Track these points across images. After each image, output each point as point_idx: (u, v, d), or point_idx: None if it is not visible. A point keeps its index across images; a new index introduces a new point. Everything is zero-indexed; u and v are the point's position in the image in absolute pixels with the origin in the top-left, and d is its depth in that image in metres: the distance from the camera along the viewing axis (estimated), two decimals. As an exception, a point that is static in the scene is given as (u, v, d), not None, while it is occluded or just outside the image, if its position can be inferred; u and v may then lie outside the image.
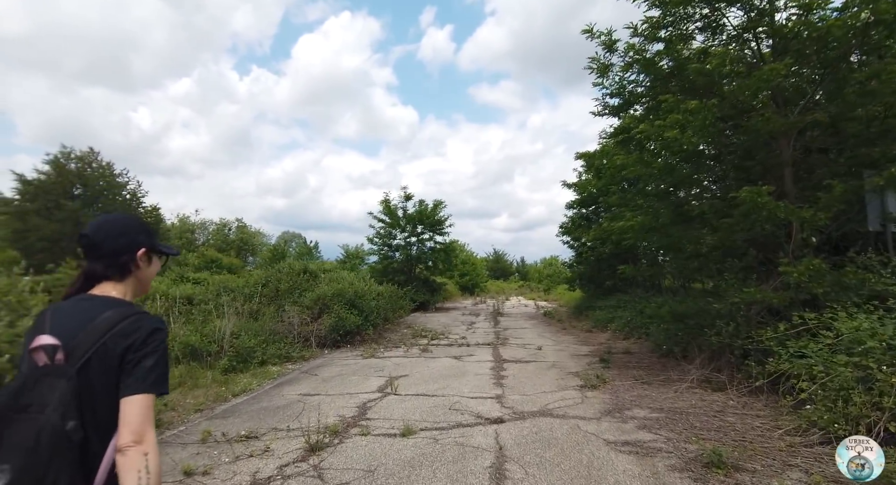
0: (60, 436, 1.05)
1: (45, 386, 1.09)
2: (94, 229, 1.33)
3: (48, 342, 1.13)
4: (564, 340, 10.94)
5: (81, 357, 1.14)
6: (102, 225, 1.35)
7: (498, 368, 7.60)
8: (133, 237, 1.36)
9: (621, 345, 9.83)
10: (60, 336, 1.16)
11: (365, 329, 10.28)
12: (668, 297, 11.25)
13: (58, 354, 1.13)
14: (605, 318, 12.67)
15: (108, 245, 1.32)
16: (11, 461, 1.00)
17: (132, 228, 1.39)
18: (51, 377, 1.10)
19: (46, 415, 1.05)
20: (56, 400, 1.07)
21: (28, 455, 1.01)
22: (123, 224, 1.39)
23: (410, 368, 7.66)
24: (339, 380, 6.85)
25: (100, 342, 1.16)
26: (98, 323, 1.19)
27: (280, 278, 11.61)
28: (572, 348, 9.70)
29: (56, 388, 1.08)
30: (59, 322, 1.20)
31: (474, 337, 11.48)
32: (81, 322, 1.19)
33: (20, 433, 1.03)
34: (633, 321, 10.92)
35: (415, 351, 9.36)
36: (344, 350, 9.57)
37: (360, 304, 10.58)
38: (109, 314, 1.21)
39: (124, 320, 1.21)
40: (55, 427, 1.04)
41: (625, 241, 7.16)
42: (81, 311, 1.23)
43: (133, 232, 1.38)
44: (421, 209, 20.64)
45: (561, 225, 16.49)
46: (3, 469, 0.99)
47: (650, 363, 7.75)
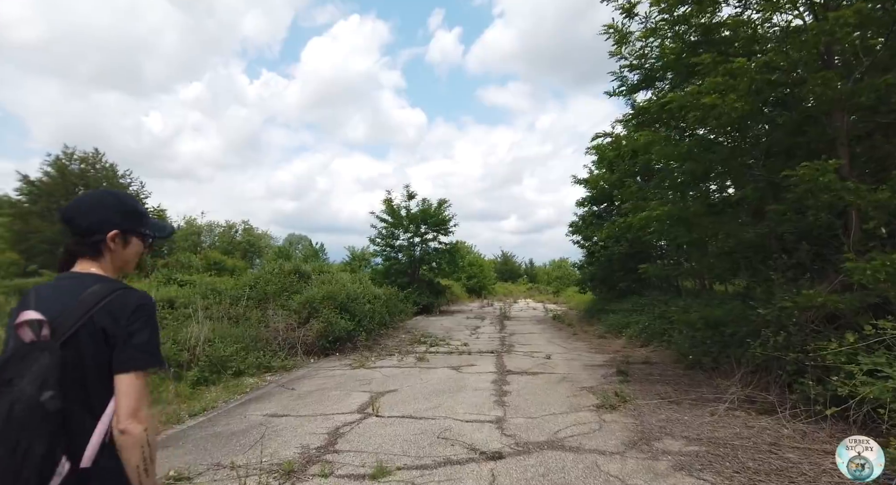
0: (34, 406, 1.04)
1: (30, 361, 1.07)
2: (71, 207, 1.31)
3: (33, 317, 1.12)
4: (576, 348, 9.91)
5: (66, 332, 1.14)
6: (79, 203, 1.32)
7: (501, 381, 6.60)
8: (105, 216, 1.31)
9: (639, 353, 8.78)
10: (45, 312, 1.15)
11: (357, 335, 9.33)
12: (690, 300, 10.17)
13: (43, 329, 1.12)
14: (620, 323, 11.60)
15: (77, 222, 1.29)
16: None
17: (106, 206, 1.33)
18: (35, 352, 1.09)
19: (20, 386, 1.04)
20: (33, 372, 1.06)
21: (3, 425, 1.00)
22: (97, 201, 1.34)
23: (402, 381, 6.70)
24: (317, 396, 5.90)
25: (86, 316, 1.16)
26: (84, 298, 1.18)
27: (269, 280, 10.72)
28: (585, 357, 8.67)
29: (36, 360, 1.07)
30: (44, 299, 1.19)
31: (477, 344, 10.48)
32: (67, 298, 1.19)
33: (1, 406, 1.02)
34: (650, 327, 9.86)
35: (410, 360, 8.39)
36: (332, 359, 8.64)
37: (353, 308, 9.65)
38: (95, 288, 1.21)
39: (110, 295, 1.20)
40: (29, 398, 1.03)
41: (646, 235, 6.15)
42: (65, 288, 1.23)
43: (105, 211, 1.32)
44: (424, 208, 19.71)
45: (571, 224, 15.47)
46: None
47: (675, 377, 6.71)
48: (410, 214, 19.67)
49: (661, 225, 5.61)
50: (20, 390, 1.04)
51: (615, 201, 14.15)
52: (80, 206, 1.32)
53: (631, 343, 10.07)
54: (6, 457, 1.00)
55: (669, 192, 5.75)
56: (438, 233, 20.09)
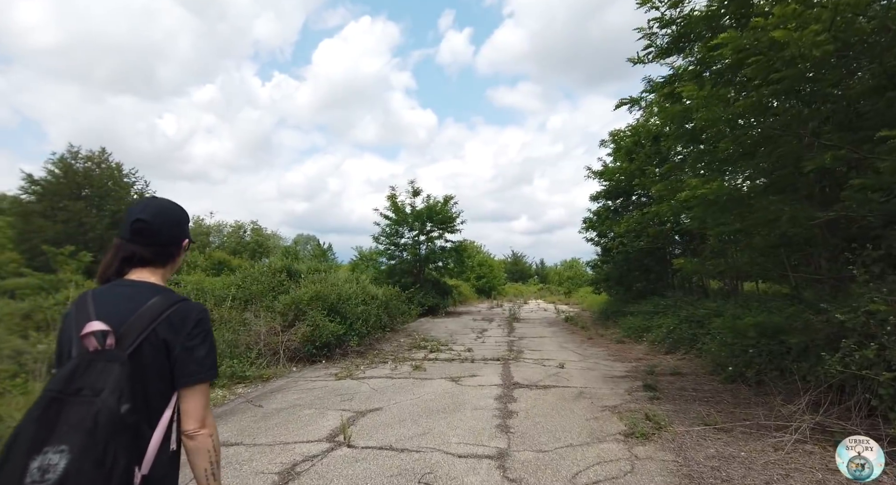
0: (116, 418, 1.04)
1: (97, 370, 1.08)
2: (153, 215, 1.30)
3: (99, 328, 1.12)
4: (592, 355, 8.79)
5: (132, 343, 1.15)
6: (160, 212, 1.32)
7: (506, 397, 5.53)
8: (183, 228, 1.37)
9: (666, 362, 7.64)
10: (108, 321, 1.14)
11: (348, 340, 8.32)
12: (721, 302, 9.00)
13: (108, 339, 1.13)
14: (640, 326, 10.45)
15: (165, 233, 1.31)
16: (70, 442, 0.98)
17: (184, 218, 1.39)
18: (102, 362, 1.09)
19: (102, 398, 1.04)
20: (111, 383, 1.06)
21: (87, 436, 0.99)
22: (179, 213, 1.37)
23: (390, 396, 5.67)
24: (285, 416, 4.89)
25: (149, 329, 1.17)
26: (146, 310, 1.19)
27: (256, 279, 9.76)
28: (603, 366, 7.56)
29: (110, 372, 1.08)
30: (104, 307, 1.19)
31: (483, 349, 9.41)
32: (128, 308, 1.19)
33: (76, 415, 1.01)
34: (676, 331, 8.71)
35: (405, 369, 7.35)
36: (317, 367, 7.63)
37: (344, 309, 8.64)
38: (156, 301, 1.21)
39: (171, 308, 1.21)
40: (111, 410, 1.03)
41: (681, 224, 5.02)
42: (126, 297, 1.22)
43: (183, 222, 1.38)
44: (430, 205, 18.67)
45: (584, 219, 14.31)
46: (62, 450, 0.98)
47: (714, 393, 5.58)
48: (415, 211, 18.66)
49: (702, 209, 4.51)
50: (102, 401, 1.04)
51: (633, 195, 13.00)
52: (167, 216, 1.33)
53: (653, 350, 8.92)
54: (92, 470, 0.99)
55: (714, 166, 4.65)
56: (444, 231, 19.05)
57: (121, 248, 1.30)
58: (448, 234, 19.17)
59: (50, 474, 0.95)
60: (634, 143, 10.99)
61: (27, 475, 0.95)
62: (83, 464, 0.98)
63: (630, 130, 11.33)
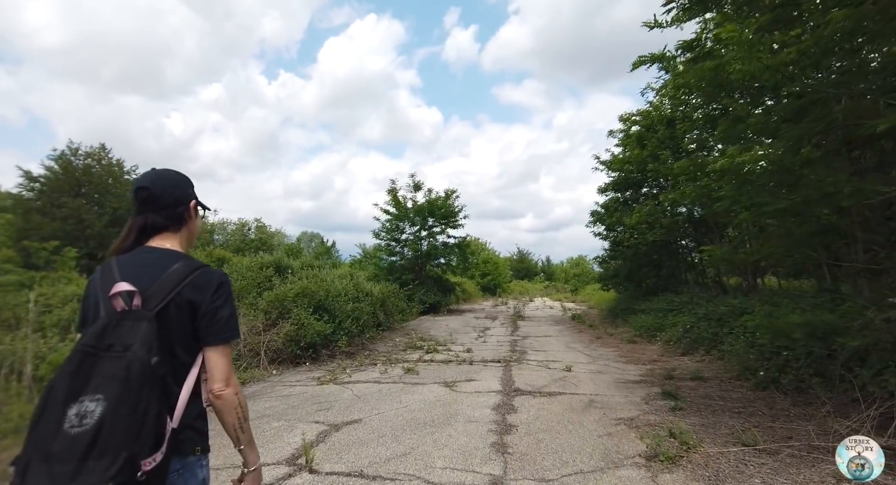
0: (147, 369, 1.09)
1: (125, 328, 1.13)
2: (151, 181, 1.34)
3: (126, 289, 1.16)
4: (602, 356, 8.02)
5: (158, 304, 1.19)
6: (159, 177, 1.36)
7: (505, 407, 4.80)
8: (186, 189, 1.40)
9: (684, 365, 6.87)
10: (134, 284, 1.18)
11: (336, 340, 7.62)
12: (744, 299, 8.20)
13: (135, 299, 1.17)
14: (653, 325, 9.66)
15: (167, 196, 1.35)
16: (106, 392, 1.03)
17: (184, 181, 1.42)
18: (130, 320, 1.14)
19: (133, 350, 1.09)
20: (140, 338, 1.11)
21: (122, 385, 1.04)
22: (177, 177, 1.41)
23: (373, 404, 4.96)
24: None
25: (175, 291, 1.21)
26: (170, 274, 1.23)
27: (241, 274, 9.09)
28: (615, 369, 6.80)
29: (138, 329, 1.12)
30: (130, 272, 1.22)
31: (483, 350, 8.68)
32: (153, 272, 1.23)
33: (111, 368, 1.06)
34: (694, 331, 7.92)
35: (396, 372, 6.64)
36: (301, 370, 6.93)
37: (333, 307, 7.94)
38: (179, 266, 1.26)
39: (194, 272, 1.26)
40: (143, 361, 1.08)
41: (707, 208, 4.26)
42: (149, 262, 1.26)
43: (185, 185, 1.41)
44: (431, 200, 17.92)
45: (592, 212, 13.49)
46: (98, 398, 1.02)
47: (745, 402, 4.81)
48: (416, 206, 17.92)
49: (734, 187, 3.75)
50: (133, 353, 1.08)
51: (644, 185, 12.19)
52: (166, 181, 1.36)
53: (668, 350, 8.14)
54: (128, 416, 1.03)
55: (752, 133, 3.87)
56: (447, 226, 18.30)
57: (134, 221, 1.34)
58: (450, 229, 18.44)
59: (88, 420, 1.00)
60: (646, 127, 10.20)
61: (66, 421, 0.99)
62: (119, 409, 1.02)
63: (642, 114, 10.53)
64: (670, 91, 7.69)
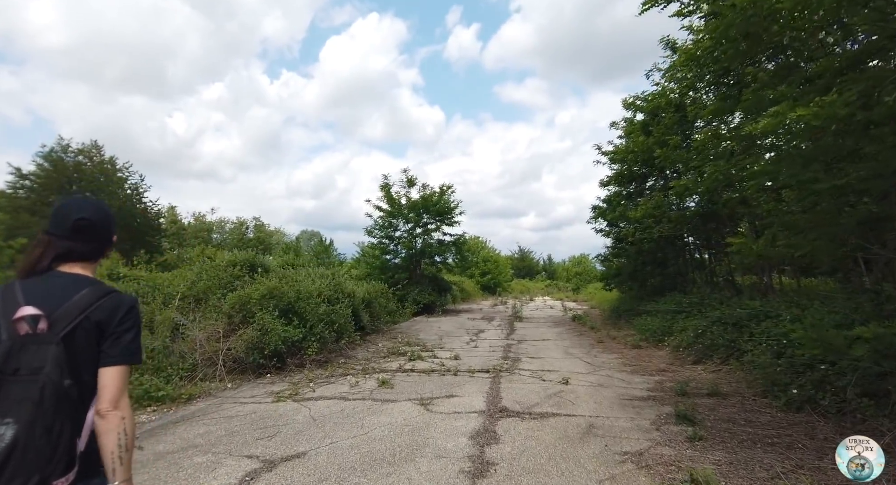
0: (61, 391, 1.09)
1: (31, 352, 1.11)
2: (93, 212, 1.34)
3: (30, 313, 1.15)
4: (604, 364, 7.13)
5: (65, 327, 1.17)
6: (100, 210, 1.36)
7: (486, 434, 3.93)
8: (114, 225, 1.41)
9: (698, 376, 5.98)
10: (40, 308, 1.16)
11: (306, 347, 6.76)
12: (763, 300, 7.30)
13: (40, 323, 1.15)
14: (659, 328, 8.77)
15: (104, 230, 1.36)
16: (16, 415, 1.03)
17: (113, 216, 1.41)
18: (35, 344, 1.12)
19: (46, 372, 1.08)
20: (52, 361, 1.10)
21: (36, 408, 1.04)
22: (109, 211, 1.40)
23: (329, 430, 4.10)
24: (163, 468, 3.34)
25: (83, 315, 1.20)
26: (80, 298, 1.22)
27: (209, 274, 8.24)
28: (619, 382, 5.91)
29: (45, 352, 1.11)
30: (37, 296, 1.21)
31: (472, 356, 7.80)
32: (61, 296, 1.22)
33: (21, 392, 1.06)
34: (706, 336, 7.01)
35: (369, 385, 5.78)
36: (261, 382, 6.08)
37: (304, 309, 7.08)
38: (87, 291, 1.24)
39: (104, 297, 1.25)
40: (56, 384, 1.08)
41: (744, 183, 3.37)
42: (57, 286, 1.25)
43: (114, 220, 1.41)
44: (426, 195, 17.04)
45: (593, 208, 12.56)
46: (7, 422, 1.02)
47: (779, 428, 3.92)
48: (411, 202, 17.05)
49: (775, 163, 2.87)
50: (46, 375, 1.08)
51: (649, 178, 11.27)
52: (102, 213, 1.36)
53: (678, 357, 7.25)
54: (42, 438, 1.04)
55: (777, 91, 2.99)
56: (442, 223, 17.42)
57: (54, 244, 1.30)
58: (446, 226, 17.56)
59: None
60: (651, 113, 9.28)
61: None
62: (33, 432, 1.03)
63: (648, 97, 9.59)
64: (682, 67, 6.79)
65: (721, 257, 10.85)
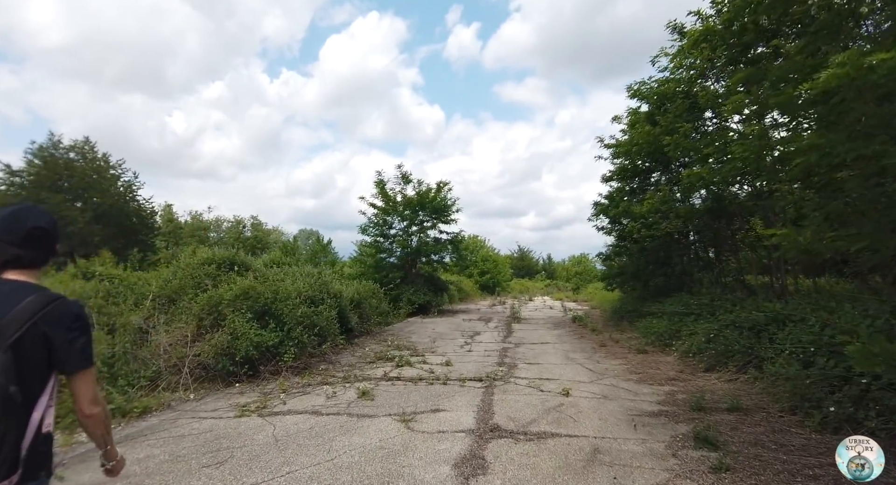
0: (6, 397, 1.12)
1: None
2: (48, 223, 1.36)
3: None
4: (608, 371, 6.52)
5: (13, 334, 1.18)
6: (51, 220, 1.39)
7: (473, 461, 3.32)
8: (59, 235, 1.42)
9: (712, 386, 5.37)
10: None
11: (283, 352, 6.15)
12: (781, 302, 6.69)
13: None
14: (666, 331, 8.17)
15: (54, 239, 1.39)
16: None
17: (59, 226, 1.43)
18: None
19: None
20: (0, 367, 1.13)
21: None
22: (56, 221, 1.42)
23: (291, 454, 3.49)
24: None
25: (30, 322, 1.21)
26: (26, 305, 1.22)
27: (185, 274, 7.62)
28: (625, 393, 5.30)
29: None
30: None
31: (465, 362, 7.20)
32: (8, 304, 1.22)
33: None
34: (719, 341, 6.40)
35: (348, 396, 5.18)
36: (228, 392, 5.47)
37: (281, 311, 6.47)
38: (33, 298, 1.25)
39: (50, 304, 1.25)
40: (2, 390, 1.11)
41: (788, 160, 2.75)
42: (4, 293, 1.26)
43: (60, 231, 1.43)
44: (422, 192, 16.42)
45: (595, 204, 11.92)
46: None
47: (818, 456, 3.32)
48: (406, 198, 16.42)
49: (823, 135, 2.26)
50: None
51: (655, 172, 10.63)
52: (54, 224, 1.38)
53: (688, 364, 6.64)
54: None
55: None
56: (438, 221, 16.79)
57: (2, 251, 1.31)
58: (443, 224, 16.93)
59: None
60: (657, 104, 8.65)
61: None
62: None
63: (656, 83, 8.93)
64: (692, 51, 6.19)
65: (728, 256, 10.24)
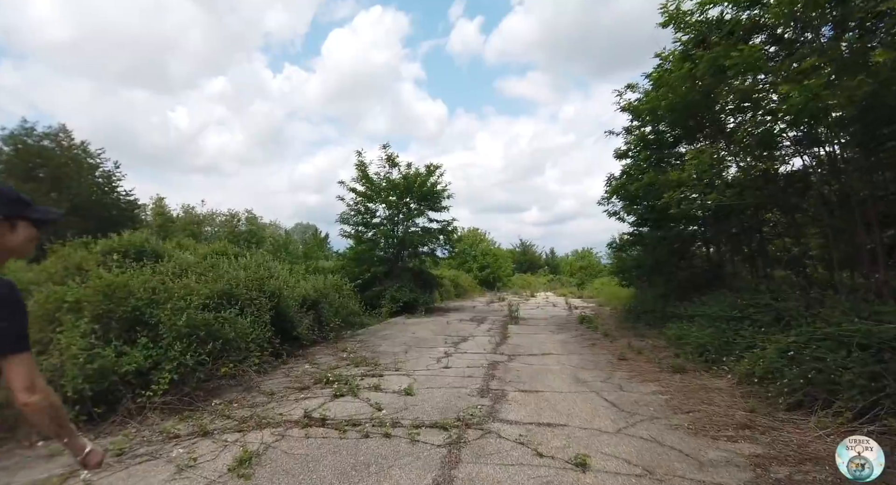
0: None
1: None
2: None
3: None
4: (640, 408, 4.30)
5: None
6: None
7: None
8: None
9: (817, 444, 3.13)
10: None
11: (155, 381, 3.98)
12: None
13: None
14: (710, 342, 5.92)
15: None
16: None
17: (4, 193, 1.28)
18: None
19: None
20: None
21: None
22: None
23: None
24: None
25: None
26: None
27: (56, 266, 5.47)
28: (678, 458, 3.08)
29: None
30: None
31: (436, 387, 5.01)
32: None
33: None
34: (806, 363, 4.15)
35: (212, 469, 3.01)
36: (33, 453, 3.31)
37: (158, 320, 4.30)
38: None
39: None
40: None
41: None
42: None
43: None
44: (409, 176, 14.18)
45: (607, 181, 9.63)
46: None
47: None
48: (391, 182, 14.19)
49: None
50: None
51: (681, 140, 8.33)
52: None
53: (753, 393, 4.41)
54: None
55: None
56: (427, 208, 14.58)
57: None
58: (432, 212, 14.71)
59: None
60: (695, 42, 6.36)
61: None
62: None
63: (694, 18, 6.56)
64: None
65: (782, 241, 7.96)
